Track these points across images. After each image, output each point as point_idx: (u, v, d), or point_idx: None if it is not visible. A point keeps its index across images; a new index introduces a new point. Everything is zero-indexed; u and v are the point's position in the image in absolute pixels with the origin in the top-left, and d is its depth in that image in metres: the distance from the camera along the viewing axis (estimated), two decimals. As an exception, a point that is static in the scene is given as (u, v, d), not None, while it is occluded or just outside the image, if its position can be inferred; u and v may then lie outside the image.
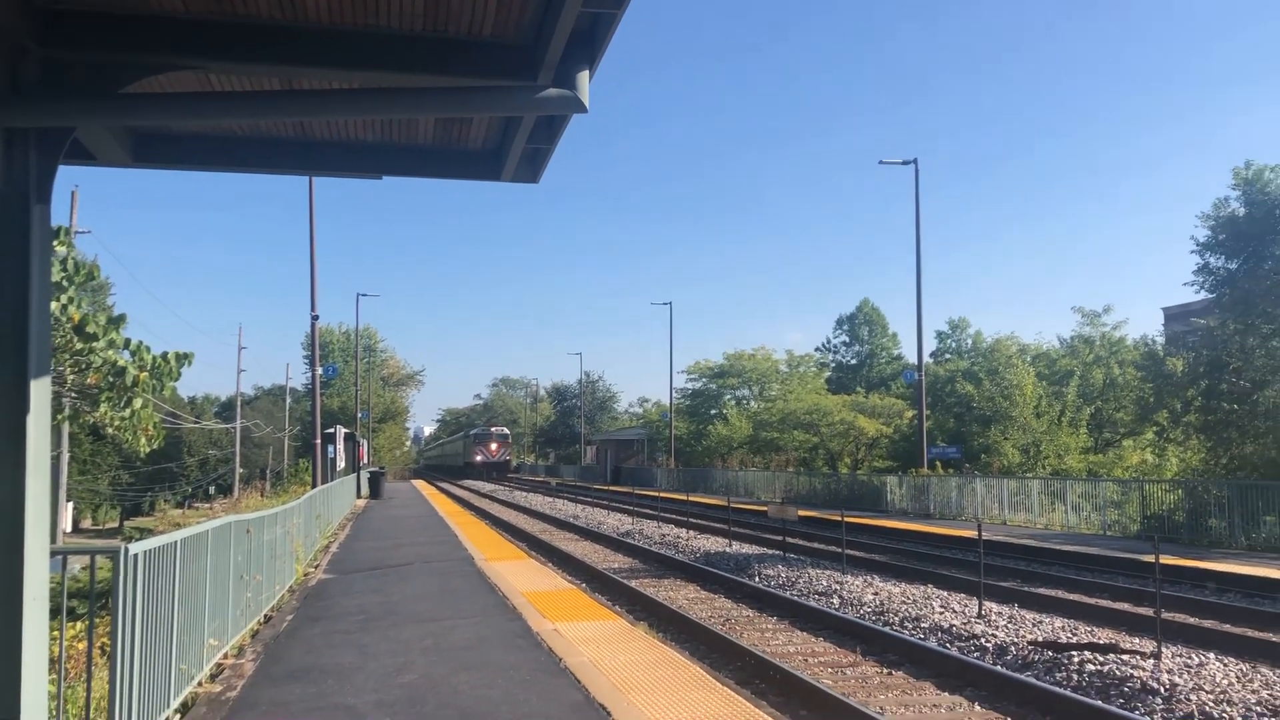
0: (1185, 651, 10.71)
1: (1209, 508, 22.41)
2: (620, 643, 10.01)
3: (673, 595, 16.32)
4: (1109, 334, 47.94)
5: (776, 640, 12.53)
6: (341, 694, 7.97)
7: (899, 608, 13.90)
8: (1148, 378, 28.36)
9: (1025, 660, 10.67)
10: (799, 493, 41.91)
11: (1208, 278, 24.37)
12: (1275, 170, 23.37)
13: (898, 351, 76.05)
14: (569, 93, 5.14)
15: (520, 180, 6.99)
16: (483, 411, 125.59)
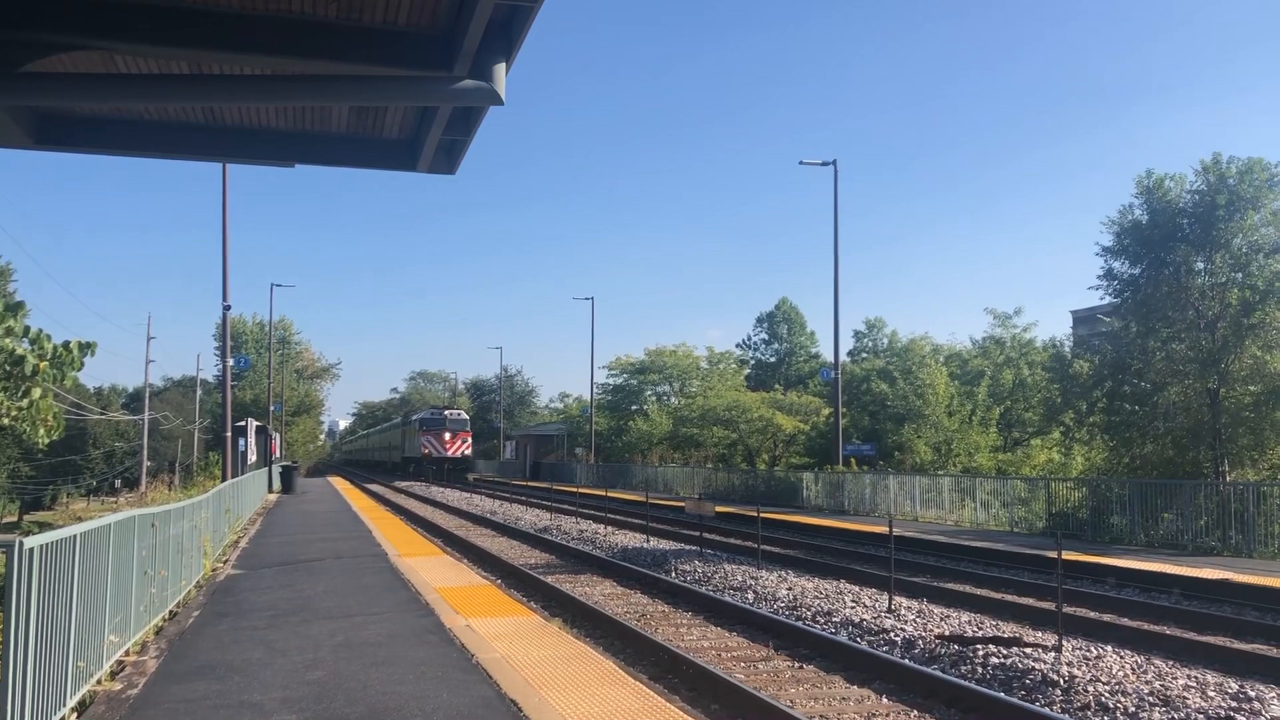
0: (1085, 644, 11.03)
1: (1111, 506, 23.12)
2: (534, 638, 9.99)
3: (589, 591, 16.33)
4: (1019, 335, 49.12)
5: (691, 635, 12.61)
6: (247, 691, 7.82)
7: (812, 602, 14.09)
8: (1055, 379, 29.12)
9: (932, 654, 10.89)
10: (718, 489, 42.22)
11: (1112, 282, 25.10)
12: (1175, 179, 24.17)
13: (816, 350, 77.01)
14: (485, 85, 5.10)
15: (437, 171, 6.92)
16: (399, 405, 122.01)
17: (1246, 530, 19.55)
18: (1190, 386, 23.72)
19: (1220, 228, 23.06)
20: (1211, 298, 23.40)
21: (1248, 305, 22.91)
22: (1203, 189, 23.53)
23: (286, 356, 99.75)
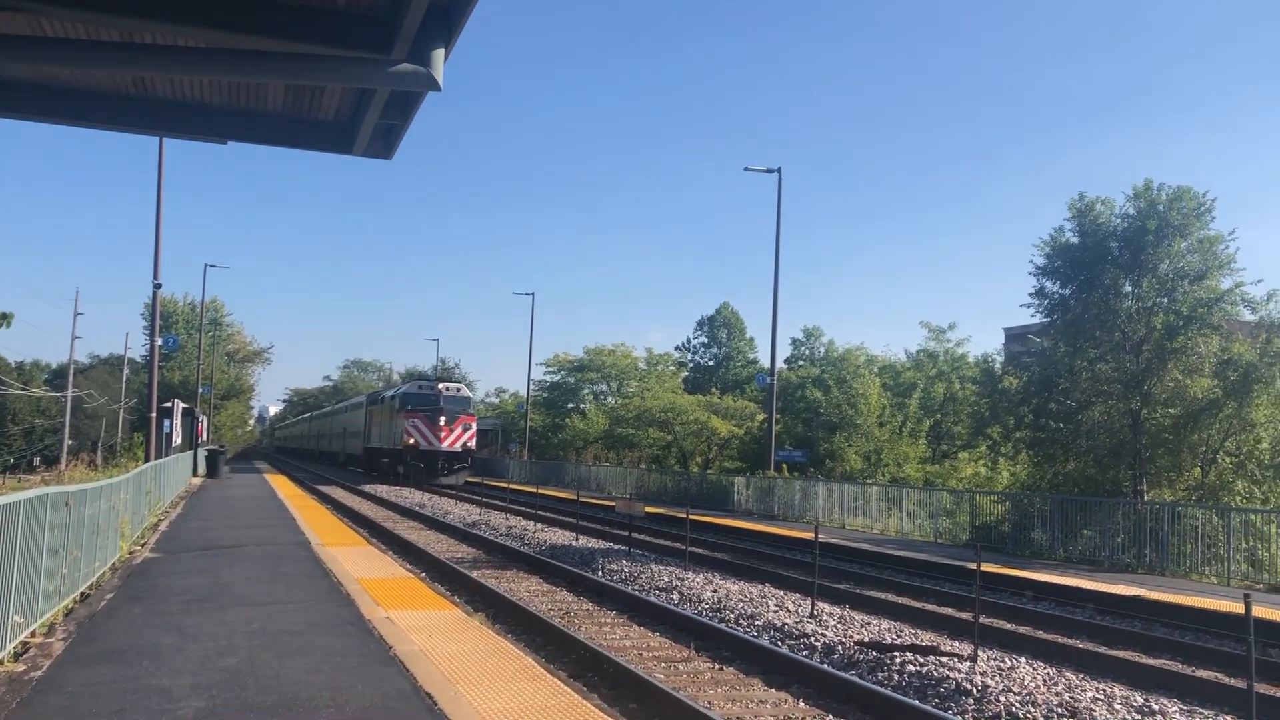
0: (1000, 655, 11.22)
1: (1033, 520, 23.58)
2: (454, 632, 9.90)
3: (514, 587, 16.25)
4: (952, 350, 49.95)
5: (614, 634, 12.60)
6: (156, 676, 7.65)
7: (736, 605, 14.16)
8: (984, 393, 29.63)
9: (851, 659, 11.00)
10: (650, 490, 42.30)
11: (1043, 301, 25.60)
12: (1105, 203, 24.73)
13: (754, 355, 77.53)
14: (423, 69, 5.05)
15: (373, 155, 6.83)
16: (332, 394, 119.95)
17: (1161, 549, 20.05)
18: (1114, 407, 24.28)
19: (1149, 253, 23.64)
20: (1138, 321, 23.97)
21: (1172, 330, 23.51)
22: (1133, 214, 24.11)
23: (218, 338, 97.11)
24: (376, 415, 53.61)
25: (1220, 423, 22.90)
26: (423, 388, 47.59)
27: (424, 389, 47.31)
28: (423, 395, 46.75)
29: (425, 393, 46.92)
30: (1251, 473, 23.10)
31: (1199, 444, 23.35)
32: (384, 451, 50.45)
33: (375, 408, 54.49)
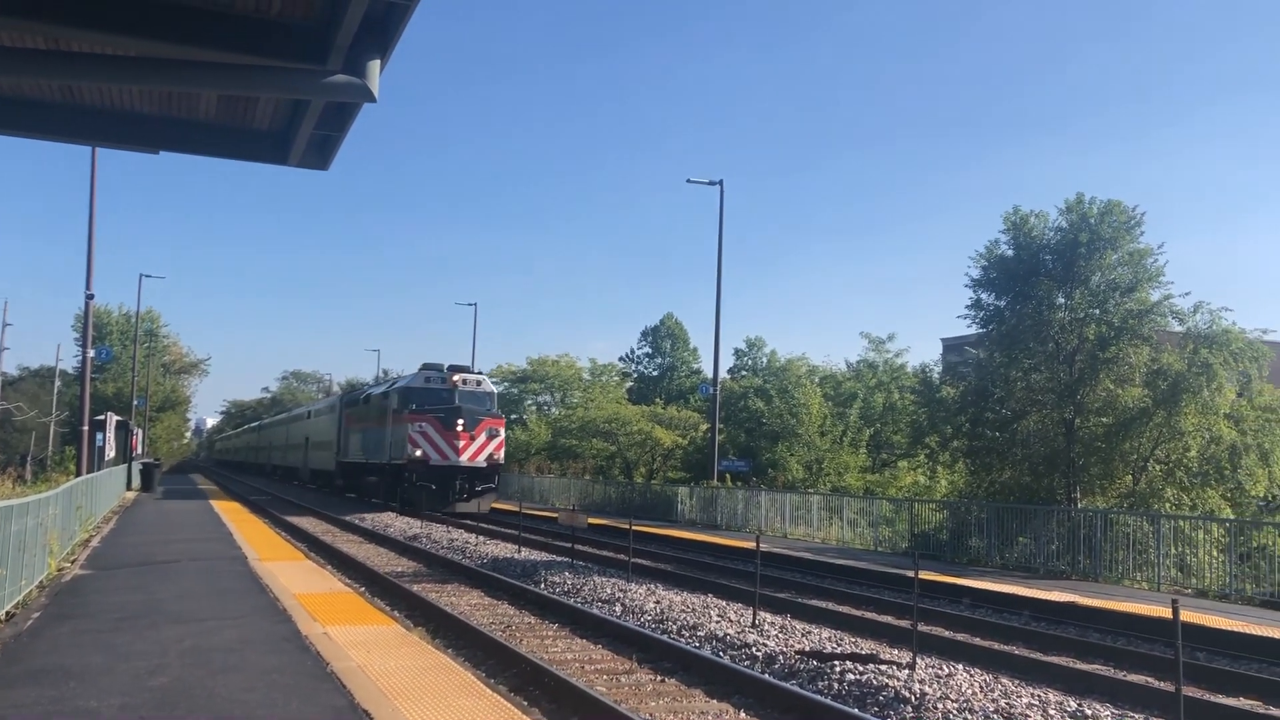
0: (938, 662, 11.35)
1: (970, 528, 23.92)
2: (394, 648, 9.80)
3: (455, 601, 16.11)
4: (892, 360, 50.57)
5: (556, 647, 12.54)
6: (84, 697, 7.47)
7: (679, 616, 14.17)
8: (923, 403, 30.01)
9: (792, 669, 11.06)
10: (594, 501, 42.22)
11: (979, 312, 26.02)
12: (1039, 216, 25.22)
13: (698, 365, 77.77)
14: (358, 81, 5.01)
15: (308, 166, 6.76)
16: (271, 405, 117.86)
17: (1094, 555, 20.44)
18: (1048, 416, 24.72)
19: (1081, 265, 24.13)
20: (1070, 332, 24.45)
21: (1104, 340, 24.01)
22: (1065, 227, 24.60)
23: (153, 350, 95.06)
24: (356, 420, 42.44)
25: (1150, 431, 23.41)
26: (431, 380, 35.37)
27: (433, 382, 35.34)
28: (432, 391, 34.94)
29: (435, 388, 35.09)
30: (1180, 480, 23.63)
31: (1130, 452, 23.85)
32: (370, 468, 39.38)
33: (355, 410, 43.00)
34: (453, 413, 33.97)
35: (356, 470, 42.24)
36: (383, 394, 38.52)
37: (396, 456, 34.67)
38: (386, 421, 36.38)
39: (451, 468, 33.71)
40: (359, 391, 47.79)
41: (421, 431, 33.46)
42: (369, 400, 40.98)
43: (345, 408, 45.72)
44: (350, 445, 43.20)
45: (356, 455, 41.83)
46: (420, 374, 36.26)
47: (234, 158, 6.71)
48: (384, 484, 37.37)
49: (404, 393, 35.03)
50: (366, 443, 39.91)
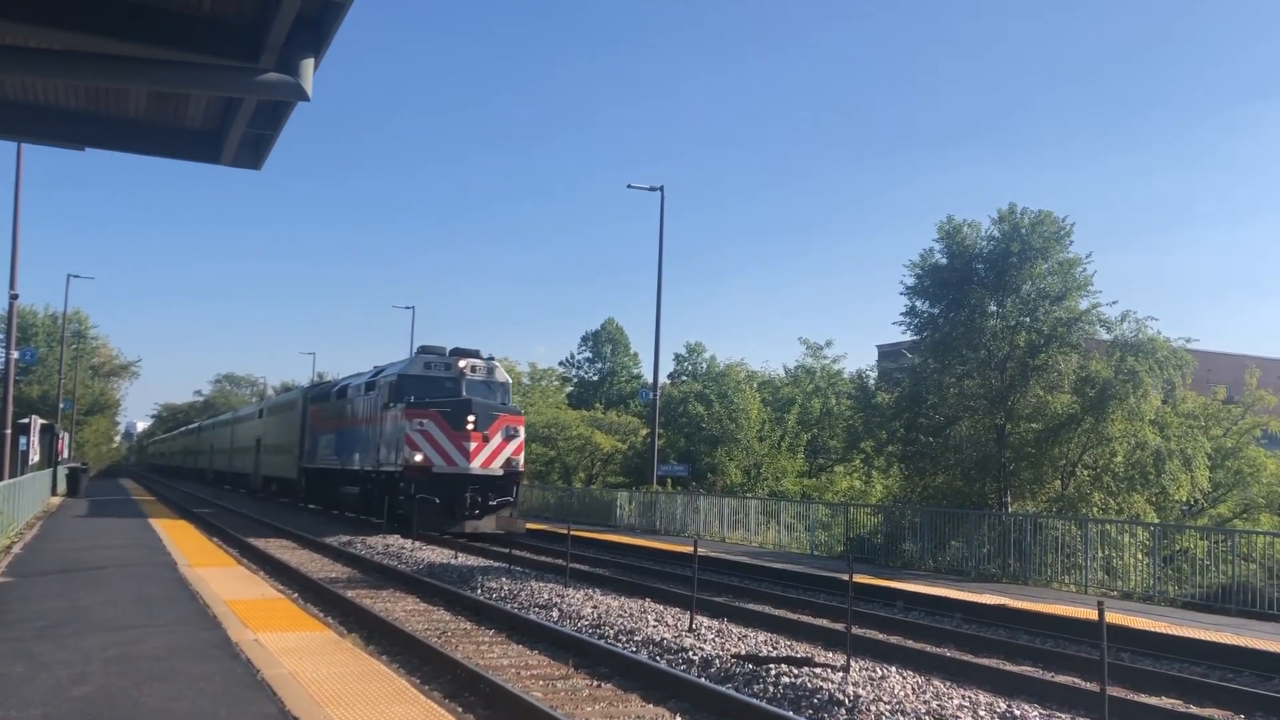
0: (872, 665, 11.48)
1: (904, 532, 24.24)
2: (326, 654, 9.67)
3: (389, 607, 15.94)
4: (829, 366, 51.05)
5: (492, 653, 12.47)
6: (2, 708, 7.26)
7: (616, 621, 14.16)
8: (859, 408, 30.38)
9: (728, 673, 11.11)
10: (533, 506, 42.05)
11: (914, 319, 26.40)
12: (972, 226, 25.69)
13: (638, 370, 77.79)
14: (291, 79, 4.94)
15: (241, 165, 6.65)
16: (204, 409, 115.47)
17: (1024, 559, 20.83)
18: (980, 421, 25.16)
19: (1012, 274, 24.61)
20: (1002, 339, 24.91)
21: (1034, 348, 24.50)
22: (997, 237, 25.07)
23: (81, 352, 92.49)
24: (327, 418, 35.80)
25: (1079, 437, 23.92)
26: (432, 367, 29.09)
27: (434, 369, 29.03)
28: (433, 380, 28.74)
29: (437, 376, 28.92)
30: (1107, 485, 24.19)
31: (1059, 457, 24.35)
32: (347, 475, 32.59)
33: (325, 406, 36.34)
34: (461, 407, 27.68)
35: (327, 478, 35.37)
36: (366, 385, 31.76)
37: (388, 462, 28.59)
38: (373, 419, 30.08)
39: (460, 476, 27.31)
40: (329, 384, 40.23)
41: (422, 430, 27.20)
42: (345, 394, 34.22)
43: (312, 403, 38.81)
44: (319, 448, 36.68)
45: (328, 460, 35.21)
46: (418, 359, 29.65)
47: (164, 155, 6.58)
48: (368, 496, 30.83)
49: (398, 383, 28.62)
50: (342, 445, 33.46)
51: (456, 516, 27.21)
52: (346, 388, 34.56)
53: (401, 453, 27.40)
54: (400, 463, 27.42)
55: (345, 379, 37.96)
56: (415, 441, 27.13)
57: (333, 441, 34.85)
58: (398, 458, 27.66)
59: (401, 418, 27.65)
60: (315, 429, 37.58)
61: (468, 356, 29.58)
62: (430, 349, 29.81)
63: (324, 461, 35.77)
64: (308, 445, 38.50)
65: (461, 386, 28.78)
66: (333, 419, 35.26)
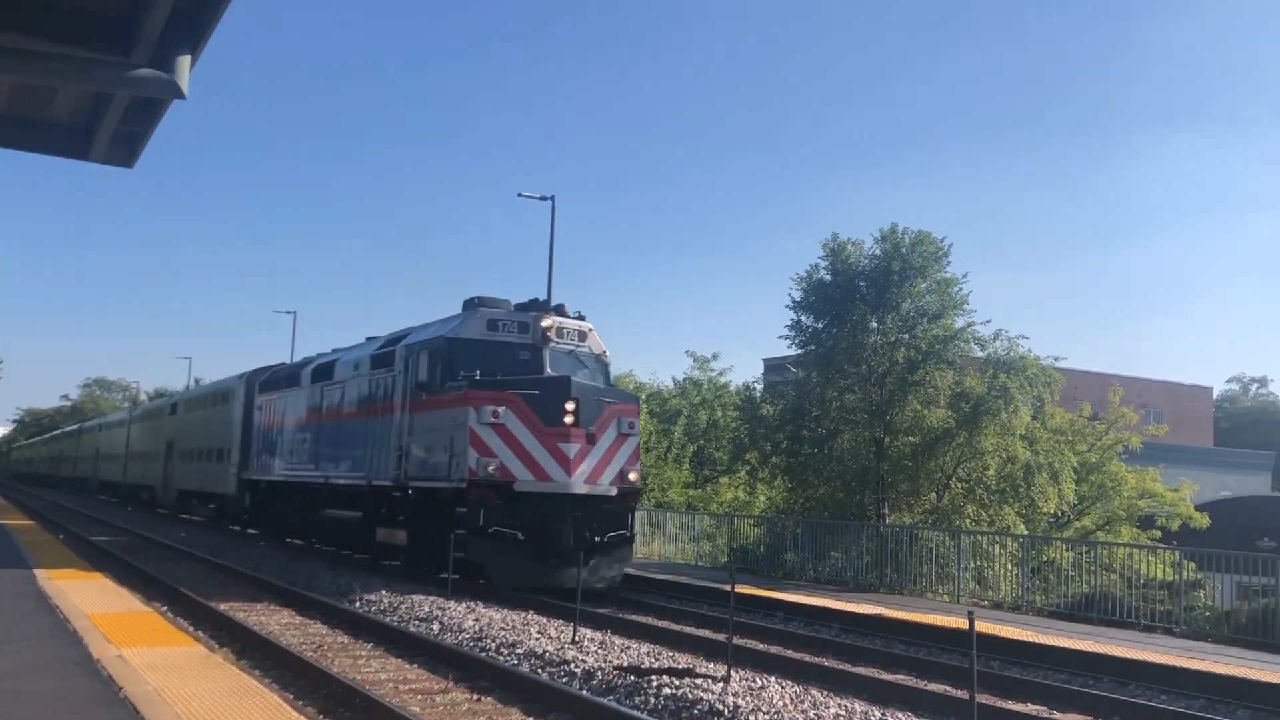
0: (752, 675, 11.59)
1: (786, 543, 24.65)
2: (195, 670, 9.32)
3: (264, 620, 15.48)
4: (715, 379, 51.59)
5: (369, 667, 12.21)
6: None
7: (498, 634, 14.01)
8: (744, 420, 30.79)
9: (610, 685, 11.10)
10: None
11: (799, 334, 26.93)
12: (855, 244, 26.36)
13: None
14: (166, 76, 4.78)
15: (113, 163, 6.40)
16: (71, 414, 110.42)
17: (901, 569, 21.36)
18: (860, 434, 25.77)
19: (893, 292, 25.30)
20: (882, 355, 25.57)
21: (912, 364, 25.22)
22: (879, 255, 25.76)
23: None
24: (291, 411, 26.66)
25: (953, 451, 24.68)
26: (501, 327, 19.29)
27: (503, 329, 19.27)
28: (500, 348, 19.08)
29: (507, 340, 19.23)
30: (980, 497, 25.01)
31: (935, 470, 25.08)
32: (335, 493, 23.49)
33: (289, 394, 27.16)
34: (556, 389, 18.31)
35: (291, 496, 26.30)
36: (375, 357, 22.13)
37: (427, 473, 19.17)
38: (388, 408, 20.80)
39: (557, 498, 18.07)
40: (295, 364, 29.59)
41: (496, 424, 17.73)
42: (329, 374, 24.71)
43: (261, 392, 29.73)
44: (276, 453, 27.63)
45: (294, 470, 26.02)
46: (475, 315, 19.31)
47: (28, 150, 6.29)
48: (374, 523, 21.35)
49: (448, 350, 18.96)
50: (324, 448, 24.16)
51: (550, 563, 18.11)
52: (333, 365, 24.80)
53: (461, 459, 17.85)
54: (458, 475, 17.89)
55: (326, 354, 27.09)
56: (486, 442, 17.64)
57: (305, 443, 25.44)
58: (452, 467, 18.18)
59: (461, 404, 18.08)
60: (269, 427, 28.46)
61: (551, 312, 19.72)
62: (489, 301, 19.77)
63: (286, 472, 26.73)
64: (256, 449, 29.44)
65: (544, 358, 18.97)
66: (304, 412, 25.86)
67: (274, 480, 27.92)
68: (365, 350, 23.48)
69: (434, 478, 19.05)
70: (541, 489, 18.06)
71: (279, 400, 28.15)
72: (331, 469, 23.87)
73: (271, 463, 28.21)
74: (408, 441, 19.85)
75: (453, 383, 18.69)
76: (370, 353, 22.81)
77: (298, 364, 29.46)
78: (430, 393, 19.38)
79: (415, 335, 21.14)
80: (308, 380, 26.30)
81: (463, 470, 17.89)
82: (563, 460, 18.18)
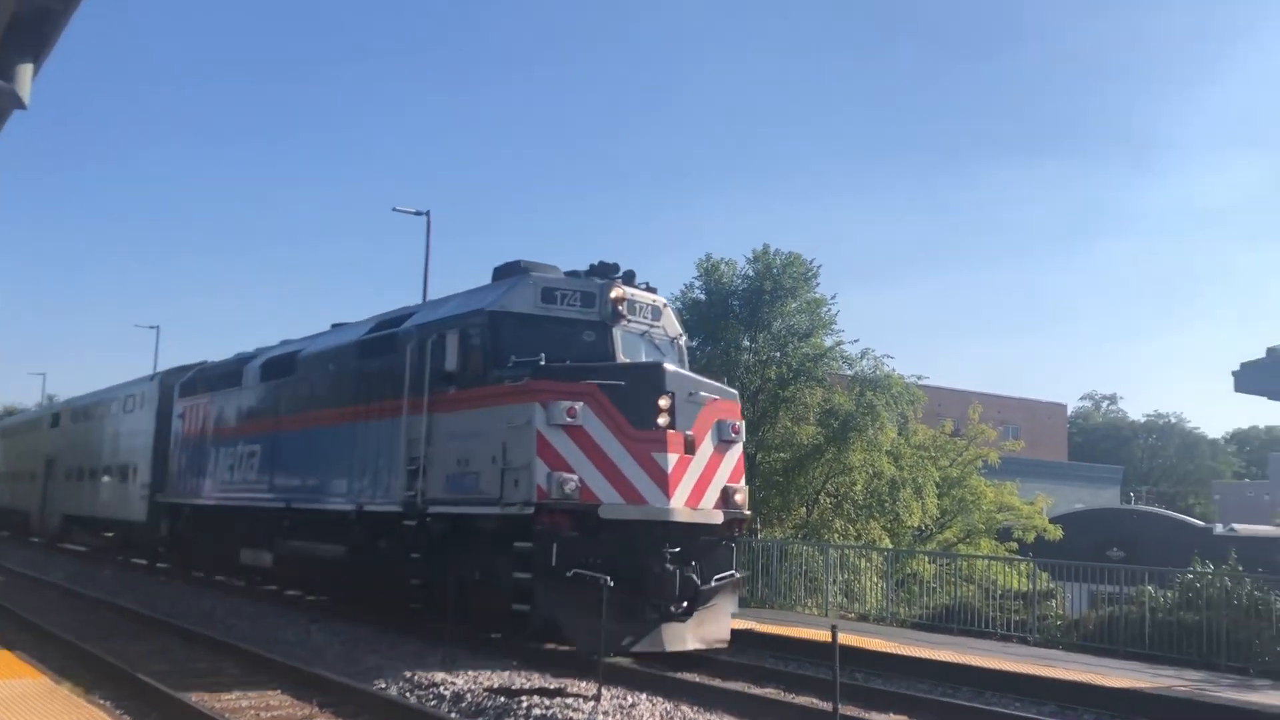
0: (623, 693, 11.62)
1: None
2: (37, 703, 8.90)
3: (119, 648, 14.81)
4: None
5: (230, 694, 11.81)
6: None
7: (364, 656, 13.74)
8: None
9: (479, 706, 10.99)
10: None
11: (675, 353, 27.26)
12: (729, 264, 26.91)
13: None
14: (6, 85, 4.56)
15: (-51, 172, 6.08)
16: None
17: (772, 583, 21.73)
18: (733, 451, 26.16)
19: (765, 311, 25.87)
20: (754, 372, 26.08)
21: (783, 381, 25.80)
22: (751, 275, 26.31)
23: None
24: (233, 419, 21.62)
25: (822, 466, 25.31)
26: (561, 298, 14.43)
27: (565, 301, 14.44)
28: (562, 326, 14.36)
29: (569, 315, 14.43)
30: (848, 512, 25.70)
31: (805, 485, 25.67)
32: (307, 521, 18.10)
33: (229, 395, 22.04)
34: (648, 378, 13.93)
35: (234, 526, 20.77)
36: (372, 340, 17.09)
37: (465, 494, 14.19)
38: (393, 408, 15.61)
39: (653, 528, 13.56)
40: (241, 359, 22.59)
41: (572, 427, 13.24)
42: (290, 368, 19.46)
43: (184, 396, 24.24)
44: (206, 474, 22.23)
45: (242, 490, 20.64)
46: (526, 282, 14.66)
47: None
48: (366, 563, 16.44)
49: (489, 327, 14.33)
50: (283, 466, 19.06)
51: (646, 618, 13.56)
52: (293, 357, 19.42)
53: (523, 474, 13.16)
54: (519, 497, 13.19)
55: (274, 347, 21.57)
56: (559, 451, 13.09)
57: (252, 458, 20.21)
58: (504, 486, 13.38)
59: (520, 398, 13.39)
60: (196, 438, 23.08)
61: (619, 281, 14.84)
62: (534, 266, 15.19)
63: (223, 494, 21.39)
64: (177, 466, 23.95)
65: (614, 341, 14.46)
66: (250, 418, 20.72)
67: (203, 505, 22.33)
68: (346, 337, 18.23)
69: (472, 500, 13.81)
70: (633, 515, 13.22)
71: (209, 404, 22.62)
72: (297, 491, 18.32)
73: (200, 483, 22.51)
74: (427, 452, 14.55)
75: (501, 370, 13.78)
76: (358, 338, 17.48)
77: (236, 360, 22.89)
78: (465, 385, 14.22)
79: (428, 313, 16.27)
80: (254, 378, 20.85)
81: (527, 490, 12.90)
82: (658, 476, 13.35)
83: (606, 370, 13.78)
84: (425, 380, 14.85)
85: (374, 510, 15.88)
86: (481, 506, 13.72)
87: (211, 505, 22.02)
